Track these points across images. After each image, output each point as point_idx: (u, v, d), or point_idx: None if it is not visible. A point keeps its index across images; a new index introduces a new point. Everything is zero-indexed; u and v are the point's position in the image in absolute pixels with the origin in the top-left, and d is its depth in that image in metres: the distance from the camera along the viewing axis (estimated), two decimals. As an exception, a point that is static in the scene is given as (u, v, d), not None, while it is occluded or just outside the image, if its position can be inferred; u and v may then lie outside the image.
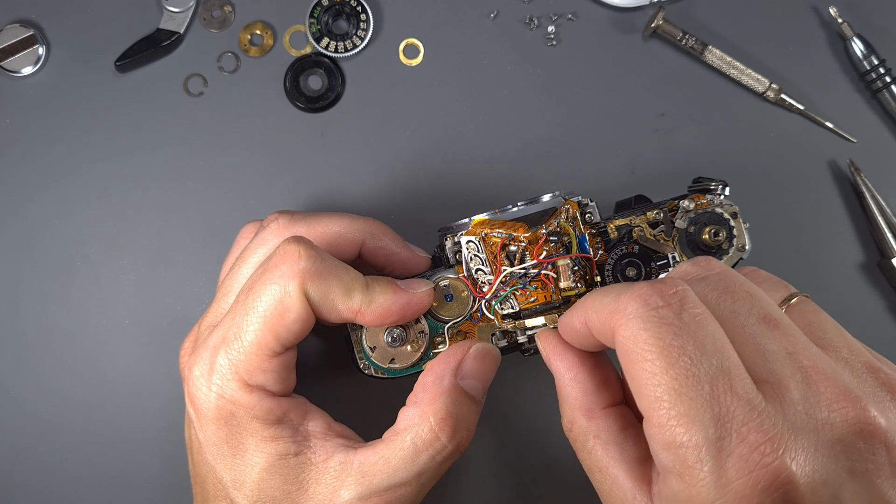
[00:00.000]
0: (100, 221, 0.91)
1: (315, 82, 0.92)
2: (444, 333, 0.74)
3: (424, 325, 0.73)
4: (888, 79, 0.91)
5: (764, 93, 0.92)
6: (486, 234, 0.73)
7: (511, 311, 0.73)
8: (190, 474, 0.75)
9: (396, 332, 0.72)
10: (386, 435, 0.69)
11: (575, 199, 0.75)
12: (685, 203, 0.74)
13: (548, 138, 0.92)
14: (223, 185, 0.91)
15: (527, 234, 0.73)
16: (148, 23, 0.92)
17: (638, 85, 0.93)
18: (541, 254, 0.72)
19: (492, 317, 0.74)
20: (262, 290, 0.67)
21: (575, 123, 0.93)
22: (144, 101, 0.92)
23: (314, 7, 0.91)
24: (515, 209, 0.74)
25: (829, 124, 0.92)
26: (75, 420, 0.90)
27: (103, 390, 0.90)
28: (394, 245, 0.77)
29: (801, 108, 0.92)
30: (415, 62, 0.93)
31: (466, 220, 0.74)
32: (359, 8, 0.91)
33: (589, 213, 0.75)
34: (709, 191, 0.75)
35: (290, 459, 0.68)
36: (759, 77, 0.92)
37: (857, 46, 0.92)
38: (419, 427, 0.68)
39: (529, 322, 0.74)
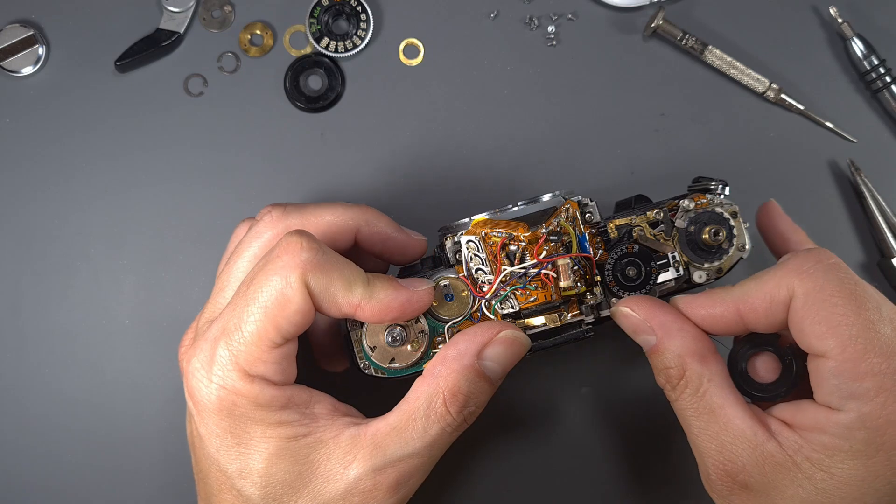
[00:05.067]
0: (100, 221, 0.91)
1: (315, 82, 0.92)
2: (444, 333, 0.74)
3: (424, 324, 0.73)
4: (888, 79, 0.91)
5: (764, 93, 0.92)
6: (486, 234, 0.73)
7: (511, 310, 0.73)
8: (193, 472, 0.74)
9: (396, 331, 0.72)
10: (397, 406, 0.69)
11: (575, 198, 0.74)
12: (685, 203, 0.74)
13: (548, 138, 0.92)
14: (223, 185, 0.91)
15: (527, 234, 0.73)
16: (148, 23, 0.92)
17: (638, 85, 0.93)
18: (541, 253, 0.72)
19: (492, 316, 0.74)
20: (264, 282, 0.66)
21: (575, 123, 0.93)
22: (144, 101, 0.92)
23: (314, 7, 0.91)
24: (515, 209, 0.74)
25: (829, 124, 0.92)
26: (75, 420, 0.90)
27: (103, 390, 0.90)
28: (389, 229, 0.77)
29: (801, 108, 0.92)
30: (415, 62, 0.93)
31: (466, 219, 0.74)
32: (359, 8, 0.91)
33: (589, 212, 0.75)
34: (709, 190, 0.75)
35: (299, 441, 0.67)
36: (759, 77, 0.92)
37: (857, 46, 0.92)
38: (433, 399, 0.68)
39: (529, 321, 0.74)
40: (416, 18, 0.94)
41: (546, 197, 0.74)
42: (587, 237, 0.74)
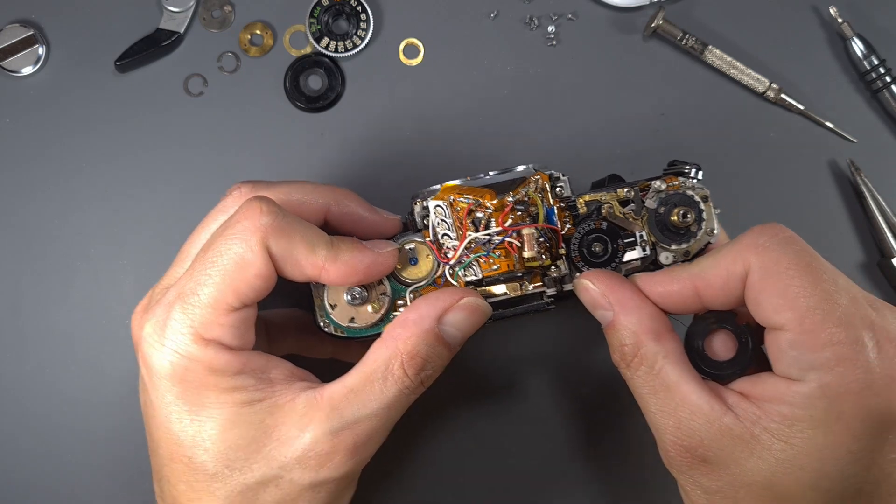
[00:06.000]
0: (100, 221, 0.91)
1: (315, 82, 0.93)
2: (405, 296, 0.73)
3: (387, 286, 0.73)
4: (888, 79, 0.91)
5: (764, 93, 0.92)
6: (453, 200, 0.73)
7: (474, 278, 0.73)
8: (147, 444, 0.73)
9: (357, 290, 0.71)
10: (355, 368, 0.68)
11: (548, 172, 0.75)
12: (657, 184, 0.74)
13: (548, 138, 0.92)
14: (223, 185, 0.90)
15: (493, 202, 0.73)
16: (148, 23, 0.92)
17: (638, 85, 0.93)
18: (506, 221, 0.72)
19: (455, 283, 0.74)
20: (222, 246, 0.66)
21: (575, 123, 0.93)
22: (144, 101, 0.92)
23: (314, 7, 0.92)
24: (487, 177, 0.74)
25: (829, 124, 0.92)
26: (75, 420, 0.90)
27: (103, 390, 0.90)
28: (361, 209, 0.77)
29: (801, 108, 0.92)
30: (415, 62, 0.93)
31: (437, 185, 0.74)
32: (359, 8, 0.92)
33: (560, 186, 0.75)
34: (682, 174, 0.75)
35: (254, 406, 0.66)
36: (759, 77, 0.91)
37: (857, 46, 0.91)
38: (391, 361, 0.68)
39: (491, 289, 0.74)
40: (416, 18, 0.94)
41: (520, 168, 0.74)
42: (556, 210, 0.73)
